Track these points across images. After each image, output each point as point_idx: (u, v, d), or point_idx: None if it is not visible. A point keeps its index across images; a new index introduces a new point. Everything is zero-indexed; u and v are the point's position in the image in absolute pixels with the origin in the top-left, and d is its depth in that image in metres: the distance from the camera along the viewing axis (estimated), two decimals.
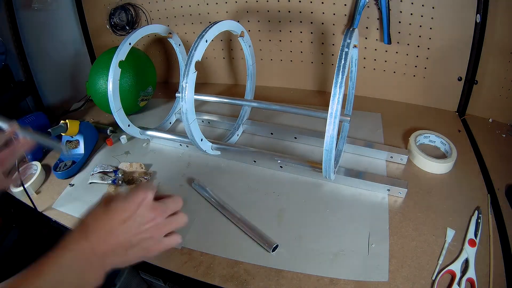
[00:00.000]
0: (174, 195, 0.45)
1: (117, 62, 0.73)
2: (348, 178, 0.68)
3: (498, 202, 0.63)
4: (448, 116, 0.89)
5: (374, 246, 0.57)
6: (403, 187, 0.64)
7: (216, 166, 0.78)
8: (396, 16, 0.83)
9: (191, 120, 0.65)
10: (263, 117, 0.92)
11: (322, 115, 0.69)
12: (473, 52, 0.80)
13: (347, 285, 0.52)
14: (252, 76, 0.85)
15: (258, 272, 0.55)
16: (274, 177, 0.73)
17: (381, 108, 0.93)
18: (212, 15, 1.00)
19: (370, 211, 0.63)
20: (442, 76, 0.88)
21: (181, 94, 0.63)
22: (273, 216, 0.64)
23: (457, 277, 0.51)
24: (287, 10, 0.92)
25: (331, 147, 0.55)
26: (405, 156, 0.73)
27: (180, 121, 0.95)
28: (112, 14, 1.08)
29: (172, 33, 0.85)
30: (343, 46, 0.54)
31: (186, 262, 0.58)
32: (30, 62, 1.06)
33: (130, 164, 0.78)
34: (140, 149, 0.86)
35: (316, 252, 0.57)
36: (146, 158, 0.83)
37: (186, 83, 0.61)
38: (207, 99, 0.85)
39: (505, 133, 0.82)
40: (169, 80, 1.22)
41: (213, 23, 0.66)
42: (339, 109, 0.52)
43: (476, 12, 0.75)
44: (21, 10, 1.00)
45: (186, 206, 0.68)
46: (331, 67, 0.99)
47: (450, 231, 0.58)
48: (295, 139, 0.82)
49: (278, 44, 1.00)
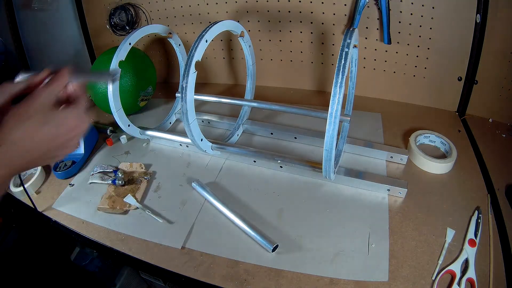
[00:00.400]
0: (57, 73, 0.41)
1: (117, 62, 0.73)
2: (348, 178, 0.68)
3: (498, 202, 0.63)
4: (448, 116, 0.89)
5: (374, 246, 0.57)
6: (403, 187, 0.64)
7: (216, 166, 0.78)
8: (396, 16, 0.83)
9: (191, 120, 0.65)
10: (263, 117, 0.92)
11: (322, 115, 0.69)
12: (473, 52, 0.80)
13: (347, 285, 0.52)
14: (252, 76, 0.85)
15: (258, 272, 0.55)
16: (274, 177, 0.73)
17: (381, 108, 0.93)
18: (212, 15, 1.00)
19: (370, 211, 0.63)
20: (442, 76, 0.88)
21: (181, 94, 0.63)
22: (273, 216, 0.64)
23: (457, 277, 0.51)
24: (287, 10, 0.92)
25: (331, 147, 0.55)
26: (405, 156, 0.73)
27: (180, 121, 0.95)
28: (112, 14, 1.08)
29: (172, 33, 0.85)
30: (343, 46, 0.54)
31: (186, 262, 0.58)
32: (30, 62, 1.06)
33: (130, 164, 0.78)
34: (140, 149, 0.86)
35: (316, 252, 0.57)
36: (146, 158, 0.83)
37: (186, 83, 0.61)
38: (207, 99, 0.85)
39: (505, 133, 0.82)
40: (169, 80, 1.22)
41: (214, 23, 0.66)
42: (339, 109, 0.52)
43: (476, 12, 0.75)
44: (21, 10, 1.00)
45: (186, 206, 0.69)
46: (331, 67, 0.99)
47: (450, 231, 0.58)
48: (295, 139, 0.82)
49: (278, 44, 1.00)
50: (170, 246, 0.61)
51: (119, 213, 0.68)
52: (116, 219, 0.67)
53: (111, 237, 0.64)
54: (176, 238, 0.62)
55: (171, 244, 0.61)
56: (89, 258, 0.96)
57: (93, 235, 0.65)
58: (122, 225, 0.66)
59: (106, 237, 0.64)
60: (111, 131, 0.92)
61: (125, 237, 0.64)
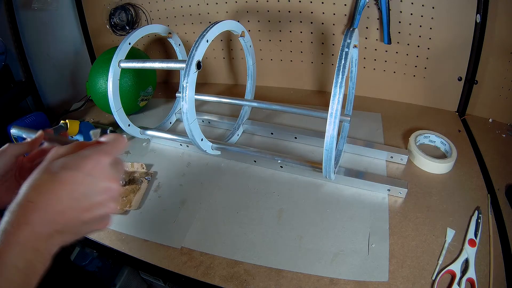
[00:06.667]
0: (113, 136, 0.36)
1: (117, 62, 0.74)
2: (348, 178, 0.68)
3: (498, 202, 0.63)
4: (448, 116, 0.89)
5: (374, 246, 0.57)
6: (403, 187, 0.64)
7: (216, 166, 0.78)
8: (396, 16, 0.83)
9: (192, 120, 0.65)
10: (263, 117, 0.92)
11: (322, 115, 0.69)
12: (473, 52, 0.80)
13: (347, 285, 0.52)
14: (252, 76, 0.85)
15: (258, 272, 0.55)
16: (274, 177, 0.73)
17: (381, 108, 0.93)
18: (212, 15, 1.00)
19: (370, 211, 0.63)
20: (442, 76, 0.88)
21: (181, 94, 0.63)
22: (273, 216, 0.64)
23: (457, 277, 0.51)
24: (287, 10, 0.92)
25: (331, 147, 0.55)
26: (405, 156, 0.73)
27: (180, 121, 0.95)
28: (112, 14, 1.08)
29: (172, 33, 0.85)
30: (343, 46, 0.54)
31: (186, 262, 0.58)
32: (30, 62, 1.06)
33: (131, 164, 0.78)
34: (140, 149, 0.86)
35: (316, 252, 0.57)
36: (146, 158, 0.83)
37: (187, 82, 0.61)
38: (207, 99, 0.85)
39: (505, 133, 0.82)
40: (169, 80, 1.22)
41: (214, 23, 0.66)
42: (339, 109, 0.52)
43: (476, 12, 0.75)
44: (21, 10, 1.00)
45: (186, 206, 0.69)
46: (331, 67, 0.99)
47: (450, 231, 0.58)
48: (295, 139, 0.82)
49: (278, 44, 1.00)
50: (170, 246, 0.61)
51: (119, 213, 0.68)
52: (116, 219, 0.67)
53: (111, 237, 0.64)
54: (176, 238, 0.62)
55: (171, 244, 0.61)
56: (89, 258, 0.96)
57: (93, 235, 0.65)
58: (122, 225, 0.66)
59: (106, 237, 0.64)
60: (111, 131, 0.92)
61: (125, 237, 0.64)
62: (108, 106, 0.75)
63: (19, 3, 0.99)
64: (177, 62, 0.69)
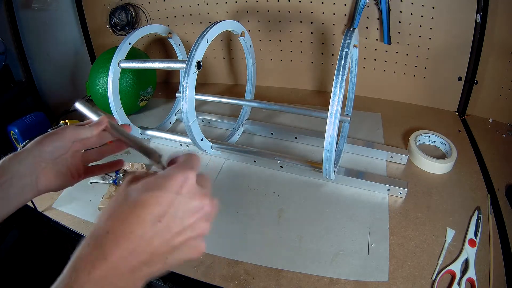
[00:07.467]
0: (188, 154, 0.32)
1: (117, 62, 0.74)
2: (348, 178, 0.68)
3: (498, 202, 0.63)
4: (448, 116, 0.89)
5: (374, 246, 0.57)
6: (403, 187, 0.64)
7: (216, 166, 0.78)
8: (396, 16, 0.83)
9: (192, 120, 0.65)
10: (263, 117, 0.92)
11: (322, 115, 0.69)
12: (473, 52, 0.80)
13: (347, 285, 0.52)
14: (252, 76, 0.85)
15: (258, 272, 0.55)
16: (274, 177, 0.73)
17: (381, 108, 0.93)
18: (212, 15, 1.00)
19: (370, 211, 0.63)
20: (442, 76, 0.88)
21: (181, 94, 0.63)
22: (273, 216, 0.64)
23: (457, 277, 0.51)
24: (287, 10, 0.92)
25: (331, 147, 0.55)
26: (405, 156, 0.73)
27: (181, 121, 0.95)
28: (112, 14, 1.08)
29: (172, 33, 0.85)
30: (343, 46, 0.54)
31: (186, 262, 0.58)
32: (30, 62, 1.06)
33: (131, 164, 0.78)
34: None
35: (316, 252, 0.57)
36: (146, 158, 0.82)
37: (187, 82, 0.61)
38: (207, 99, 0.85)
39: (505, 133, 0.82)
40: (169, 80, 1.22)
41: (214, 23, 0.66)
42: (339, 109, 0.52)
43: (476, 12, 0.75)
44: (21, 10, 1.00)
45: None
46: (331, 67, 0.99)
47: (450, 231, 0.58)
48: (295, 139, 0.82)
49: (278, 44, 1.00)
50: None
51: None
52: None
53: None
54: None
55: None
56: None
57: None
58: None
59: None
60: None
61: None
62: (108, 106, 0.75)
63: (19, 3, 0.99)
64: (177, 62, 0.69)
